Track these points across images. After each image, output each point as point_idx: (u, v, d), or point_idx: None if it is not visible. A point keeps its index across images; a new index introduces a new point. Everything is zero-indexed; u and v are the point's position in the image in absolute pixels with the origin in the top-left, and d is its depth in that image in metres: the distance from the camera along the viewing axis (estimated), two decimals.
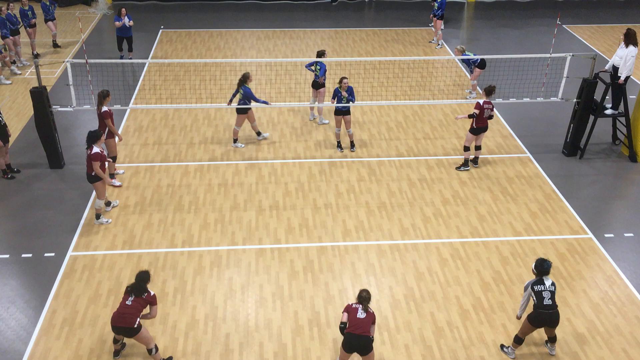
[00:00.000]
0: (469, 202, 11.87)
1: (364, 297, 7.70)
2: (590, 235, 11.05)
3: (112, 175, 12.09)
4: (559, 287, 9.78)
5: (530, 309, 8.27)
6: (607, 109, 13.44)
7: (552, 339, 8.43)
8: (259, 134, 13.78)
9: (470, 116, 12.27)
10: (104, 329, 8.86)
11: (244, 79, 12.92)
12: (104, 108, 11.59)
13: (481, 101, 12.17)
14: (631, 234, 11.10)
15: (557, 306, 8.04)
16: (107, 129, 11.65)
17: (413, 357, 8.52)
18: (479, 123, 12.32)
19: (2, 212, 11.42)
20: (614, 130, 14.06)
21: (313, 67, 14.16)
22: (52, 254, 10.35)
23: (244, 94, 12.92)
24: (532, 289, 8.02)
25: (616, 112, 13.43)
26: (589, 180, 12.74)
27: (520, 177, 12.71)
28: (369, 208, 11.62)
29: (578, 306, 9.43)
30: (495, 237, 10.92)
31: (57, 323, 8.97)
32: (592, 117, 13.26)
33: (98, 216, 11.01)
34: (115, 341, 8.30)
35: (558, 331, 8.92)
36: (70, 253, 10.38)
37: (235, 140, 13.56)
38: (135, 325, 7.86)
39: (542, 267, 8.02)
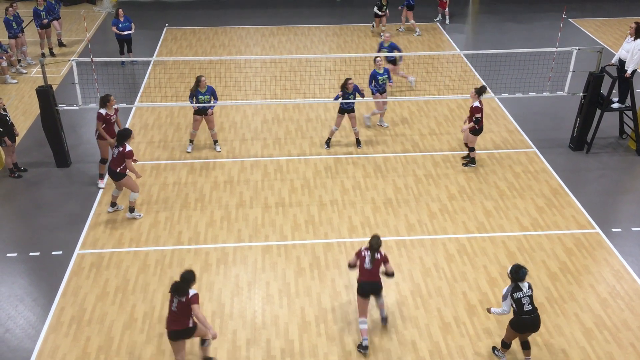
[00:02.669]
0: (475, 197, 11.85)
1: (373, 247, 8.24)
2: (598, 229, 11.00)
3: (101, 176, 12.12)
4: (566, 281, 9.76)
5: (510, 314, 8.06)
6: (613, 102, 13.36)
7: (525, 345, 8.14)
8: (192, 142, 13.29)
9: (475, 122, 12.16)
10: (112, 326, 8.91)
11: (196, 82, 12.41)
12: (101, 110, 11.53)
13: (478, 103, 12.08)
14: (639, 229, 11.04)
15: (537, 309, 7.85)
16: (103, 129, 11.64)
17: (420, 353, 8.52)
18: (481, 123, 12.26)
19: (9, 211, 11.48)
20: (621, 124, 13.99)
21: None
22: (60, 252, 10.40)
23: (190, 94, 12.62)
24: (512, 297, 7.80)
25: (623, 105, 13.36)
26: (596, 174, 12.68)
27: (527, 172, 12.67)
28: (375, 204, 11.61)
29: (585, 301, 9.40)
30: (501, 233, 10.89)
31: (65, 321, 9.02)
32: (598, 111, 13.20)
33: (132, 209, 11.08)
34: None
35: (566, 326, 8.91)
36: (77, 251, 10.42)
37: (191, 142, 13.27)
38: (191, 324, 7.67)
39: (518, 275, 7.78)
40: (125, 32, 17.26)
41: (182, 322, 7.65)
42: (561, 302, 9.36)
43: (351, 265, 8.52)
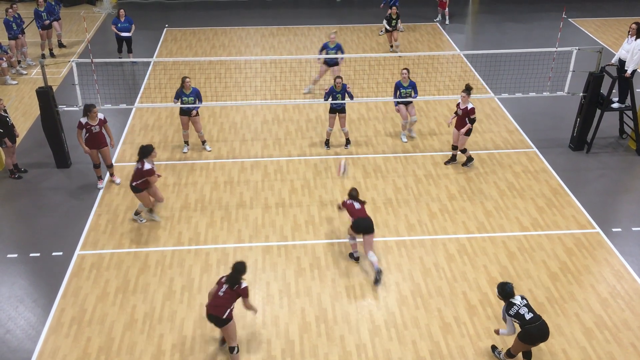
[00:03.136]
0: (475, 197, 11.85)
1: (354, 196, 9.95)
2: (598, 229, 11.00)
3: (99, 177, 12.06)
4: (567, 281, 9.76)
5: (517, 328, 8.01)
6: (613, 102, 13.37)
7: (527, 355, 8.10)
8: (186, 143, 13.35)
9: (471, 122, 12.15)
10: (112, 327, 8.91)
11: (181, 83, 12.53)
12: (82, 119, 11.43)
13: (471, 104, 12.06)
14: (639, 228, 11.04)
15: (540, 316, 7.75)
16: (87, 138, 11.53)
17: (420, 353, 8.52)
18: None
19: (10, 212, 11.48)
20: (621, 124, 13.99)
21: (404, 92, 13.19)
22: (60, 253, 10.40)
23: (175, 94, 12.69)
24: (509, 315, 7.74)
25: (623, 105, 13.37)
26: (596, 174, 12.68)
27: (527, 172, 12.67)
28: (375, 204, 11.61)
29: (586, 301, 9.40)
30: (502, 233, 10.89)
31: (66, 321, 9.02)
32: (598, 111, 13.20)
33: (137, 212, 11.04)
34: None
35: (566, 326, 8.91)
36: (77, 252, 10.42)
37: (186, 143, 13.32)
38: (224, 317, 7.82)
39: (506, 292, 7.75)
40: (124, 33, 17.29)
41: (221, 309, 7.81)
42: (561, 302, 9.36)
43: (340, 209, 10.23)
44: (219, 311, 7.82)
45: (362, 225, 9.63)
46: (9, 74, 16.80)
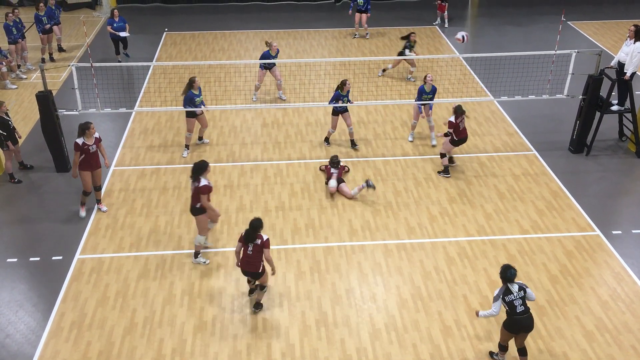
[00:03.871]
0: (475, 200, 11.85)
1: (335, 162, 12.08)
2: (598, 232, 11.00)
3: (98, 201, 11.62)
4: (567, 284, 9.75)
5: (503, 316, 8.07)
6: (613, 105, 13.38)
7: (522, 352, 8.15)
8: (187, 147, 13.34)
9: (445, 135, 12.16)
10: (112, 331, 8.90)
11: (189, 84, 12.49)
12: (78, 139, 10.81)
13: (453, 119, 11.99)
14: (639, 231, 11.04)
15: (529, 309, 7.87)
16: (83, 160, 10.91)
17: (421, 356, 8.51)
18: (459, 135, 12.15)
19: (9, 216, 11.48)
20: (621, 126, 14.00)
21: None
22: (60, 257, 10.39)
23: (185, 98, 12.64)
24: (504, 300, 7.83)
25: (622, 108, 13.38)
26: (595, 177, 12.68)
27: (527, 175, 12.67)
28: (375, 207, 11.61)
29: (586, 303, 9.39)
30: (502, 235, 10.89)
31: (66, 326, 9.01)
32: (598, 114, 13.21)
33: (196, 254, 10.17)
34: (249, 280, 9.45)
35: (567, 329, 8.90)
36: (77, 256, 10.42)
37: (187, 147, 13.32)
38: (261, 270, 8.80)
39: (506, 275, 7.81)
40: (121, 33, 17.36)
41: (255, 265, 8.73)
42: (562, 305, 9.36)
43: (322, 170, 12.41)
44: (254, 267, 8.72)
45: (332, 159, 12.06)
46: (9, 79, 16.81)
